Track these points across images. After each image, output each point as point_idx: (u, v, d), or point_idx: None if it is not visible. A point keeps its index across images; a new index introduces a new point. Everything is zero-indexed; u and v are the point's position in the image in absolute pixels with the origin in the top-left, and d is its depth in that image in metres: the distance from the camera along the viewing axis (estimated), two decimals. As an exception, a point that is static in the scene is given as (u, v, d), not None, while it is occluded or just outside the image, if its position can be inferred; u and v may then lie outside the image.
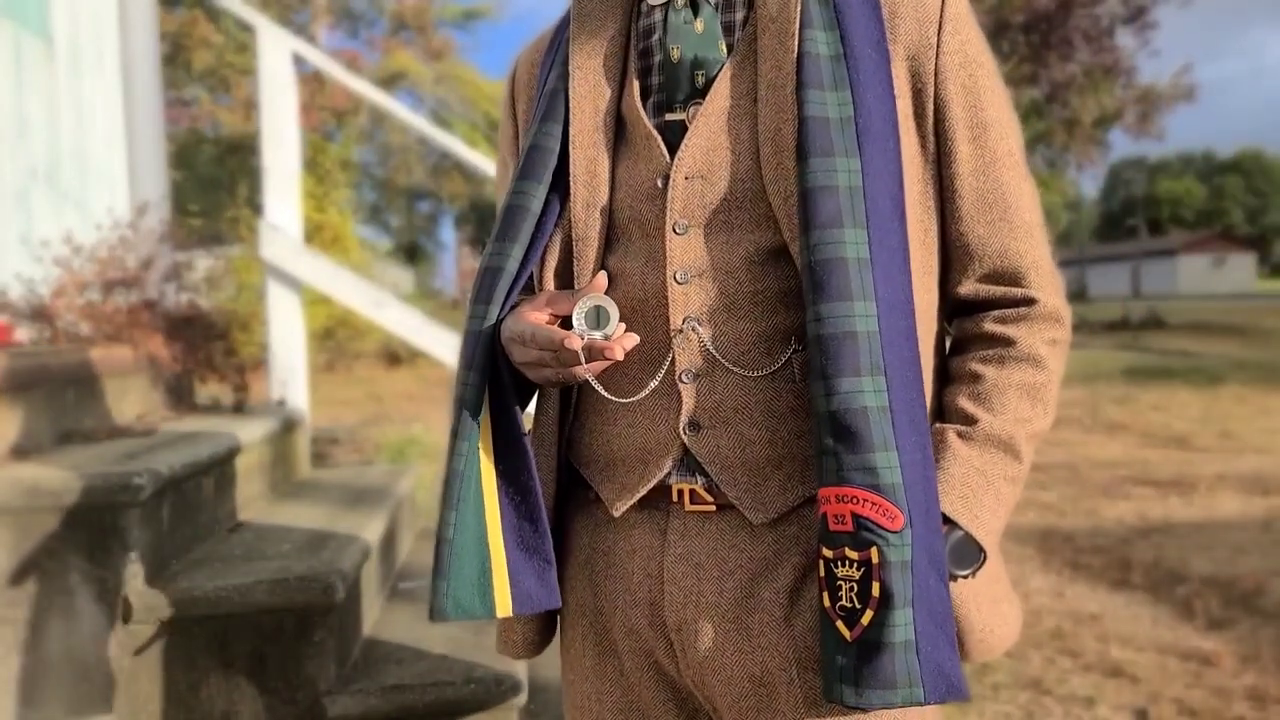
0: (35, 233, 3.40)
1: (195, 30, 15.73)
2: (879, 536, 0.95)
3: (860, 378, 0.98)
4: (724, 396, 1.09)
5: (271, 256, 3.94)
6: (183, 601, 2.04)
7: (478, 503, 1.11)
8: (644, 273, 1.12)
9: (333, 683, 2.11)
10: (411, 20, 21.65)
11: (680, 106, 1.13)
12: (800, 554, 1.09)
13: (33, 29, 3.58)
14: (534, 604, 1.13)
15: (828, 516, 0.98)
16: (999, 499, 1.07)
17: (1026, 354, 1.11)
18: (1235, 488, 6.35)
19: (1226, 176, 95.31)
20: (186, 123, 15.93)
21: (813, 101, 1.04)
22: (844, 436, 0.97)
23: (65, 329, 3.10)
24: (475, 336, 1.12)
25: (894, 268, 1.02)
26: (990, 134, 1.11)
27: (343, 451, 6.93)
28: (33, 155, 3.53)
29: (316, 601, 2.08)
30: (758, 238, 1.08)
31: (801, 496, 1.08)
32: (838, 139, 1.03)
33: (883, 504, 0.96)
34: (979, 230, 1.11)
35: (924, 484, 0.99)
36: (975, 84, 1.11)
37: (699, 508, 1.11)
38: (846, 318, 0.98)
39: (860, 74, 1.06)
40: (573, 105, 1.17)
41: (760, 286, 1.08)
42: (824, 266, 0.99)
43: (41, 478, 2.02)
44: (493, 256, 1.14)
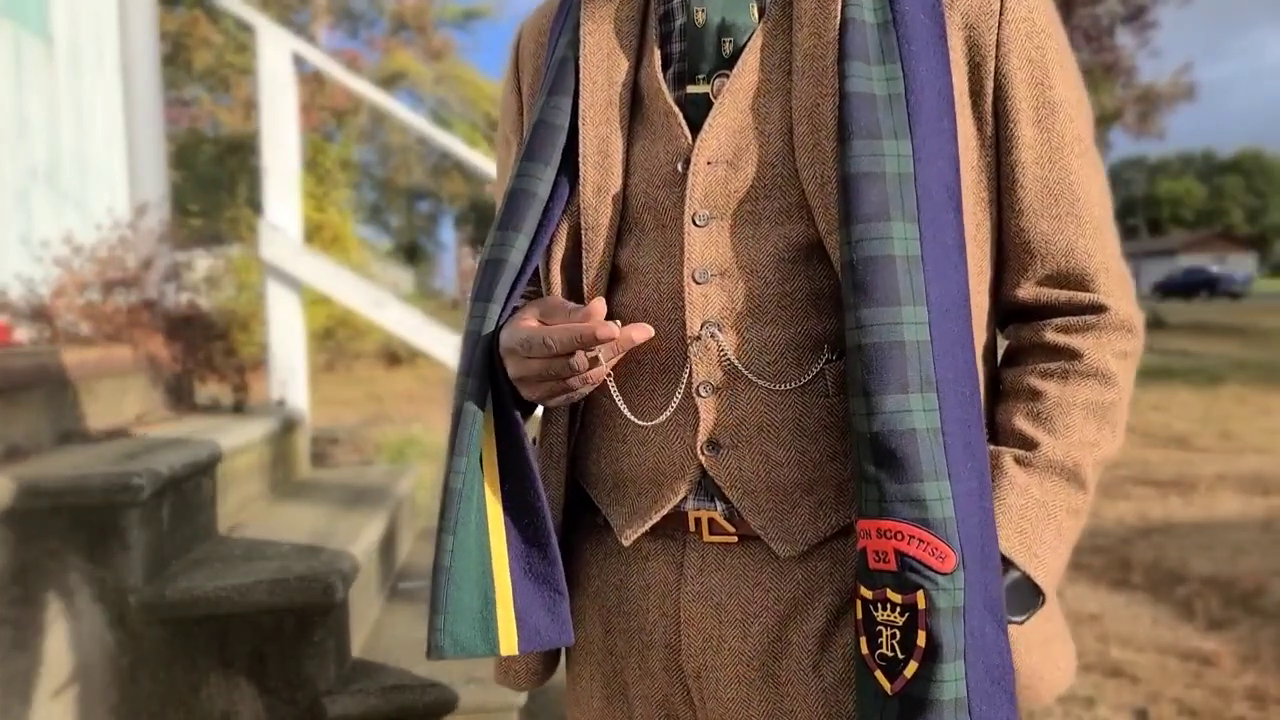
0: (35, 233, 3.40)
1: (195, 30, 15.73)
2: (926, 578, 0.83)
3: (908, 394, 0.85)
4: (747, 412, 0.96)
5: (271, 256, 3.94)
6: (182, 601, 2.04)
7: (480, 525, 0.99)
8: (658, 270, 0.99)
9: (333, 683, 2.11)
10: (411, 20, 21.66)
11: (704, 78, 1.00)
12: (833, 593, 0.96)
13: (33, 29, 3.58)
14: (543, 640, 1.01)
15: (868, 553, 0.86)
16: (1060, 534, 0.94)
17: (1094, 368, 0.97)
18: (1235, 488, 6.35)
19: (1226, 176, 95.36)
20: (186, 123, 15.93)
21: (857, 75, 0.90)
22: (888, 462, 0.84)
23: (65, 329, 3.10)
24: (475, 338, 1.00)
25: (948, 266, 0.89)
26: (1058, 116, 0.97)
27: (343, 451, 6.93)
28: (33, 155, 3.53)
29: (316, 601, 2.08)
30: (788, 231, 0.95)
31: (834, 526, 0.95)
32: (885, 118, 0.90)
33: (931, 541, 0.83)
34: (1042, 225, 0.97)
35: (980, 518, 0.87)
36: (1043, 58, 0.96)
37: (719, 538, 0.98)
38: (893, 325, 0.86)
39: (912, 44, 0.92)
40: (584, 76, 1.04)
41: (790, 287, 0.95)
42: (867, 265, 0.86)
43: (41, 478, 2.02)
44: (495, 248, 1.01)
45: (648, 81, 1.03)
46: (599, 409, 1.06)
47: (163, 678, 2.05)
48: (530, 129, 1.05)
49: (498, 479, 1.01)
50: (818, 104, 0.93)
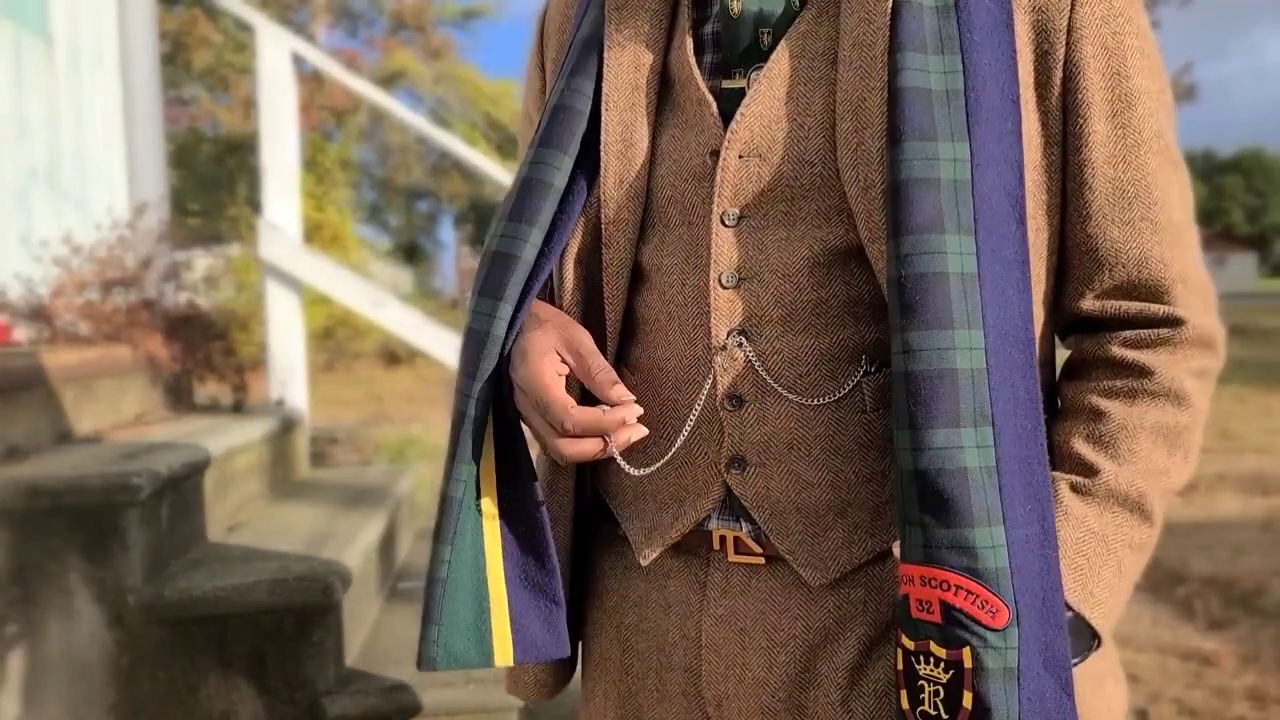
0: (34, 232, 3.40)
1: (194, 29, 15.73)
2: (974, 634, 0.75)
3: (959, 429, 0.76)
4: (776, 428, 0.88)
5: (271, 256, 3.94)
6: (182, 601, 2.03)
7: (476, 534, 0.93)
8: (683, 270, 0.91)
9: (332, 683, 2.11)
10: (411, 19, 21.66)
11: (740, 72, 0.91)
12: (867, 624, 0.89)
13: (33, 29, 3.58)
14: (539, 653, 0.95)
15: (910, 600, 0.78)
16: (1121, 572, 0.85)
17: (1166, 387, 0.87)
18: (1235, 488, 6.35)
19: (1226, 176, 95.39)
20: (186, 122, 15.94)
21: (911, 68, 0.81)
22: (934, 504, 0.76)
23: (64, 329, 3.10)
24: (481, 339, 0.91)
25: (1009, 285, 0.80)
26: (1135, 110, 0.87)
27: (342, 451, 6.92)
28: (32, 155, 3.53)
29: (316, 601, 2.08)
30: (825, 234, 0.87)
31: (870, 552, 0.88)
32: (941, 117, 0.81)
33: (981, 593, 0.75)
34: (1113, 232, 0.87)
35: (1041, 567, 0.78)
36: (1120, 45, 0.86)
37: (745, 559, 0.91)
38: (944, 350, 0.77)
39: (975, 33, 0.83)
40: (608, 58, 0.95)
41: (825, 294, 0.87)
42: (918, 283, 0.78)
43: (41, 478, 2.02)
44: (504, 240, 0.92)
45: (679, 66, 0.94)
46: None
47: (162, 678, 2.05)
48: (548, 113, 0.96)
49: (495, 487, 0.94)
50: (864, 98, 0.84)
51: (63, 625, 2.01)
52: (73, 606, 2.01)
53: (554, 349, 0.91)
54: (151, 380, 3.19)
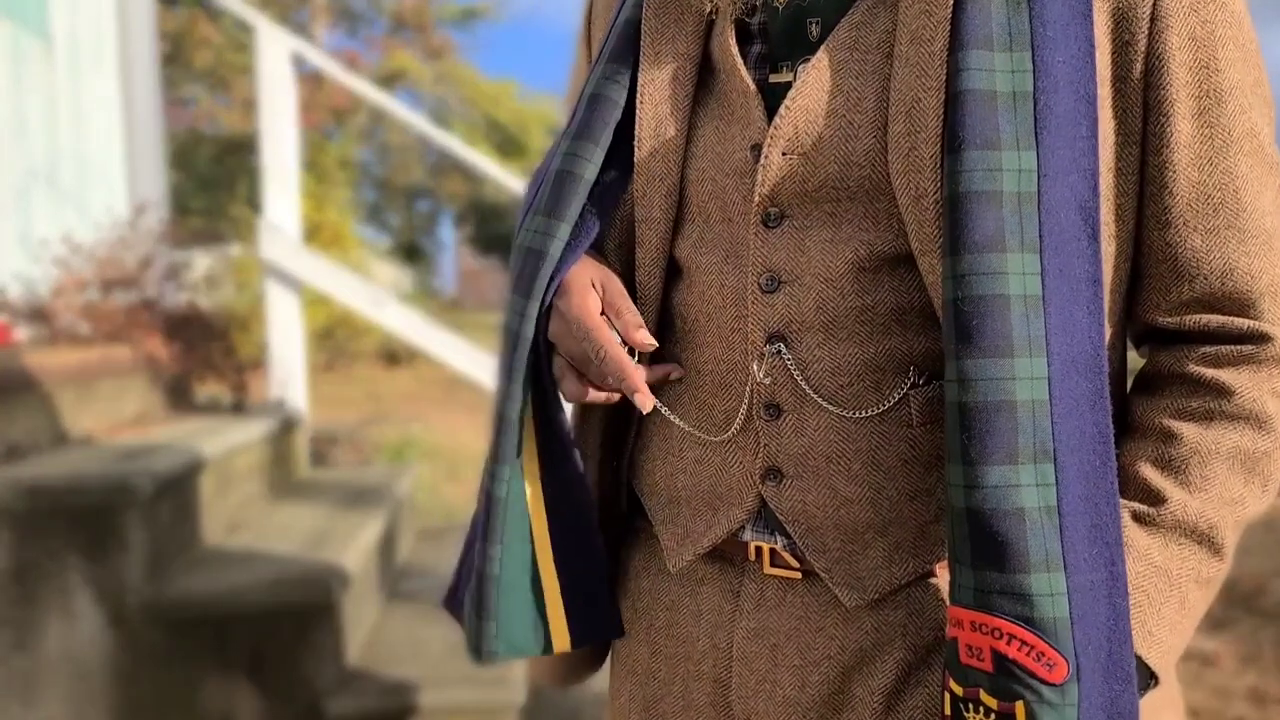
0: (34, 232, 3.40)
1: (195, 30, 15.73)
2: (1029, 689, 0.69)
3: (1016, 466, 0.71)
4: (814, 440, 0.83)
5: (271, 256, 3.94)
6: (181, 602, 2.03)
7: (523, 529, 0.92)
8: (721, 270, 0.86)
9: (331, 683, 2.11)
10: (411, 20, 21.65)
11: (786, 65, 0.85)
12: (906, 647, 0.84)
13: (32, 29, 3.58)
14: (595, 634, 0.95)
15: (959, 644, 0.73)
16: (1184, 609, 0.78)
17: (1247, 410, 0.79)
18: (1235, 488, 6.35)
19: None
20: (186, 122, 15.93)
21: (974, 68, 0.74)
22: (987, 546, 0.71)
23: (64, 329, 3.10)
24: (515, 338, 0.88)
25: (1077, 308, 0.73)
26: (1225, 107, 0.78)
27: (342, 451, 6.92)
28: (32, 155, 3.53)
29: (315, 602, 2.08)
30: (872, 238, 0.81)
31: (912, 573, 0.83)
32: (1007, 123, 0.73)
33: (1037, 644, 0.69)
34: (1194, 240, 0.79)
35: (1108, 616, 0.72)
36: (1211, 35, 0.78)
37: (781, 572, 0.87)
38: (1003, 380, 0.71)
39: (1048, 25, 0.74)
40: (645, 45, 0.89)
41: (870, 300, 0.81)
42: (976, 306, 0.72)
43: (41, 478, 2.02)
44: (534, 235, 0.88)
45: (721, 56, 0.88)
46: (655, 418, 0.94)
47: (162, 677, 2.05)
48: (585, 101, 0.91)
49: (539, 477, 0.93)
50: (919, 99, 0.77)
51: (63, 625, 2.01)
52: (73, 606, 2.01)
53: (592, 281, 0.88)
54: (151, 380, 3.19)
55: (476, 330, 10.59)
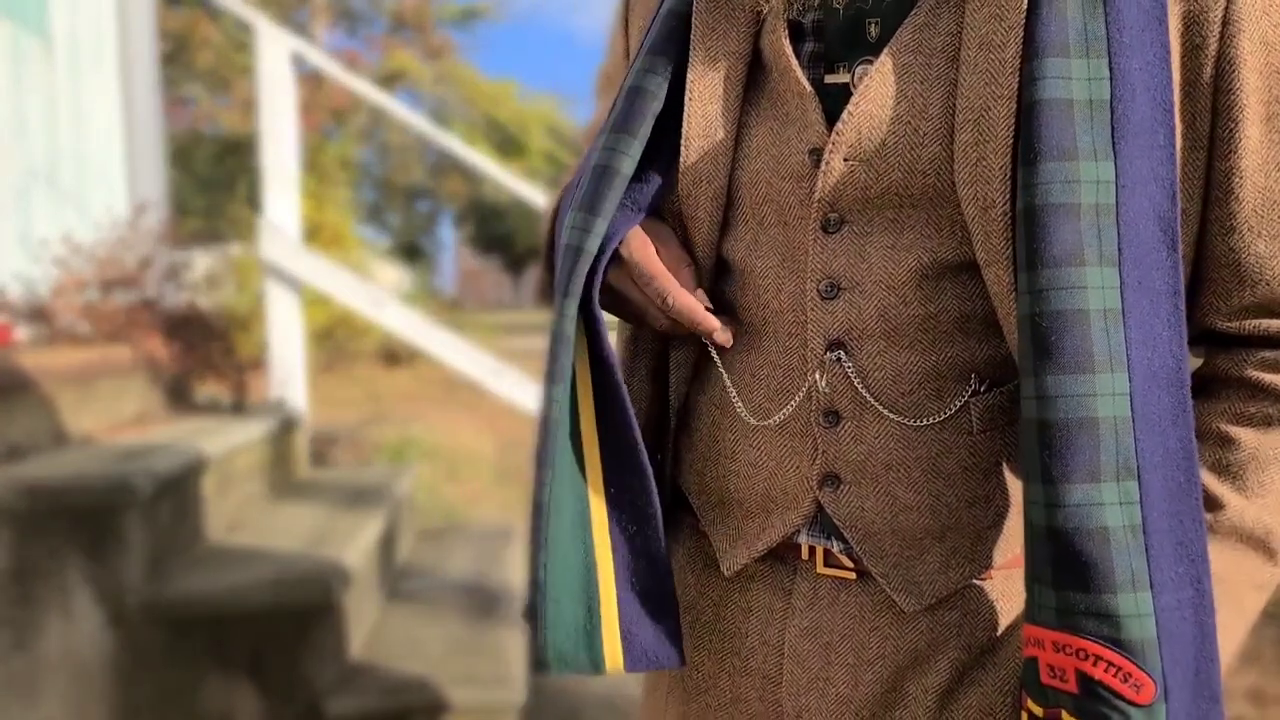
0: (34, 232, 3.40)
1: (195, 30, 15.73)
2: (1116, 710, 0.69)
3: (1099, 484, 0.70)
4: (874, 447, 0.83)
5: (271, 256, 3.94)
6: (181, 602, 2.03)
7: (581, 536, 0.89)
8: (779, 275, 0.85)
9: (331, 683, 2.11)
10: (411, 20, 21.65)
11: (844, 66, 0.83)
12: (960, 648, 0.84)
13: (32, 29, 3.58)
14: (651, 662, 0.89)
15: (1039, 664, 0.72)
16: (1241, 613, 0.79)
17: None
18: (1234, 488, 6.35)
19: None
20: (186, 122, 15.93)
21: (1050, 76, 0.72)
22: (1071, 567, 0.70)
23: (64, 329, 3.11)
24: (557, 339, 0.86)
25: (1157, 321, 0.72)
26: None
27: (342, 451, 6.92)
28: (32, 155, 3.53)
29: (315, 602, 2.08)
30: (935, 245, 0.80)
31: (968, 578, 0.84)
32: (1084, 133, 0.72)
33: (1125, 665, 0.69)
34: (1258, 246, 0.78)
35: (1196, 635, 0.71)
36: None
37: (835, 572, 0.87)
38: (1084, 397, 0.70)
39: (1125, 31, 0.73)
40: (695, 40, 0.87)
41: (933, 308, 0.81)
42: (1054, 321, 0.70)
43: (41, 478, 2.02)
44: (573, 231, 0.86)
45: (774, 55, 0.85)
46: (709, 417, 0.93)
47: (162, 677, 2.05)
48: (625, 94, 0.88)
49: (602, 485, 0.89)
50: (988, 108, 0.75)
51: (63, 625, 2.01)
52: (73, 606, 2.01)
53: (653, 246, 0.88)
54: (151, 380, 3.19)
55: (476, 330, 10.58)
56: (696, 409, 0.94)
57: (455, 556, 3.16)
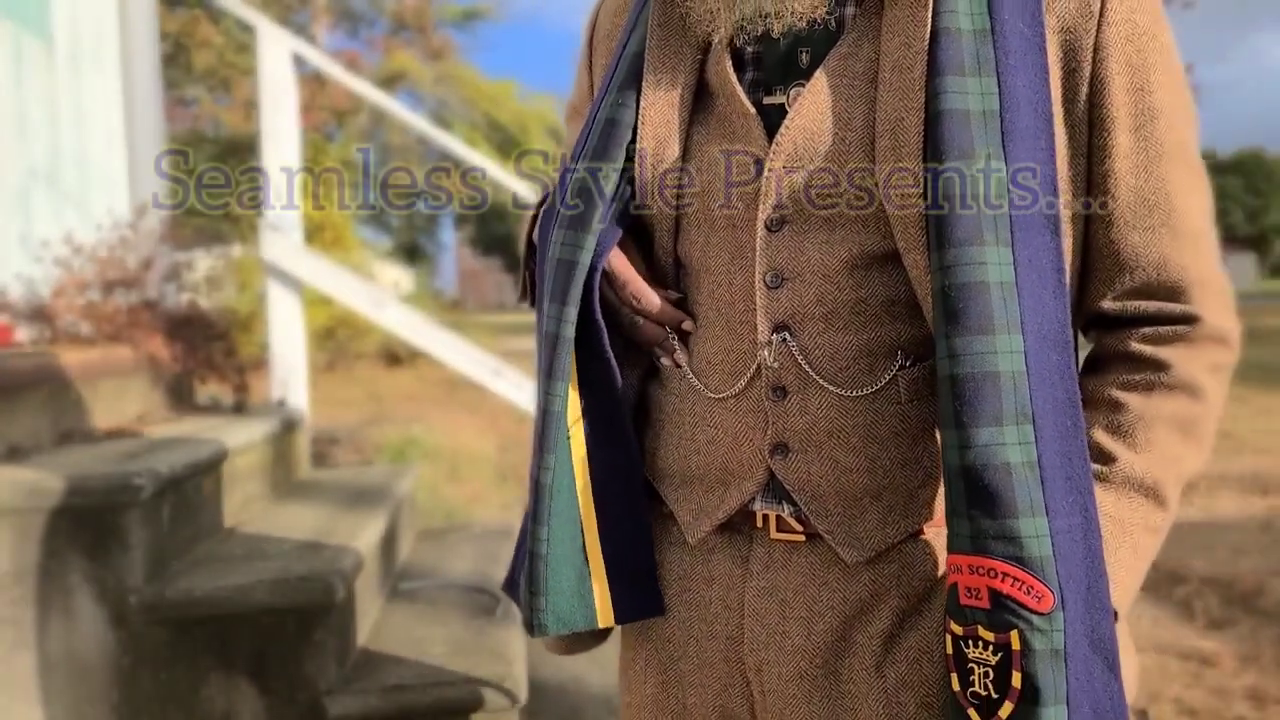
0: (35, 233, 3.40)
1: (196, 30, 15.74)
2: (1021, 618, 0.80)
3: (1002, 427, 0.82)
4: (817, 417, 0.95)
5: (272, 257, 3.94)
6: (183, 601, 2.04)
7: (571, 512, 1.02)
8: (730, 271, 0.98)
9: (333, 683, 2.11)
10: (411, 20, 21.66)
11: (780, 89, 0.97)
12: (900, 596, 0.96)
13: (33, 29, 3.58)
14: (637, 612, 1.04)
15: (959, 588, 0.84)
16: (1137, 553, 0.91)
17: (1182, 381, 0.92)
18: (1235, 488, 6.35)
19: (1226, 177, 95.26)
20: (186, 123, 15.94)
21: (949, 91, 0.86)
22: (981, 498, 0.82)
23: (65, 329, 3.11)
24: (555, 341, 0.99)
25: (1045, 292, 0.86)
26: (1158, 123, 0.92)
27: (343, 452, 6.93)
28: (33, 155, 3.53)
29: (317, 601, 2.08)
30: (864, 240, 0.93)
31: (904, 532, 0.95)
32: (979, 137, 0.86)
33: (1027, 580, 0.80)
34: (1133, 238, 0.93)
35: (1085, 554, 0.83)
36: (1144, 61, 0.92)
37: (786, 536, 0.99)
38: (987, 354, 0.82)
39: (1010, 55, 0.87)
40: (647, 75, 1.02)
41: (864, 293, 0.94)
42: (960, 292, 0.83)
43: (41, 478, 2.02)
44: (564, 248, 1.00)
45: (719, 82, 0.99)
46: (670, 405, 1.05)
47: (163, 678, 2.05)
48: (600, 126, 1.03)
49: (587, 466, 1.03)
50: (902, 119, 0.89)
51: (64, 625, 2.01)
52: (74, 606, 2.01)
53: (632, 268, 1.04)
54: (153, 380, 3.19)
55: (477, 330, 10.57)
56: (657, 402, 1.07)
57: (456, 556, 3.16)
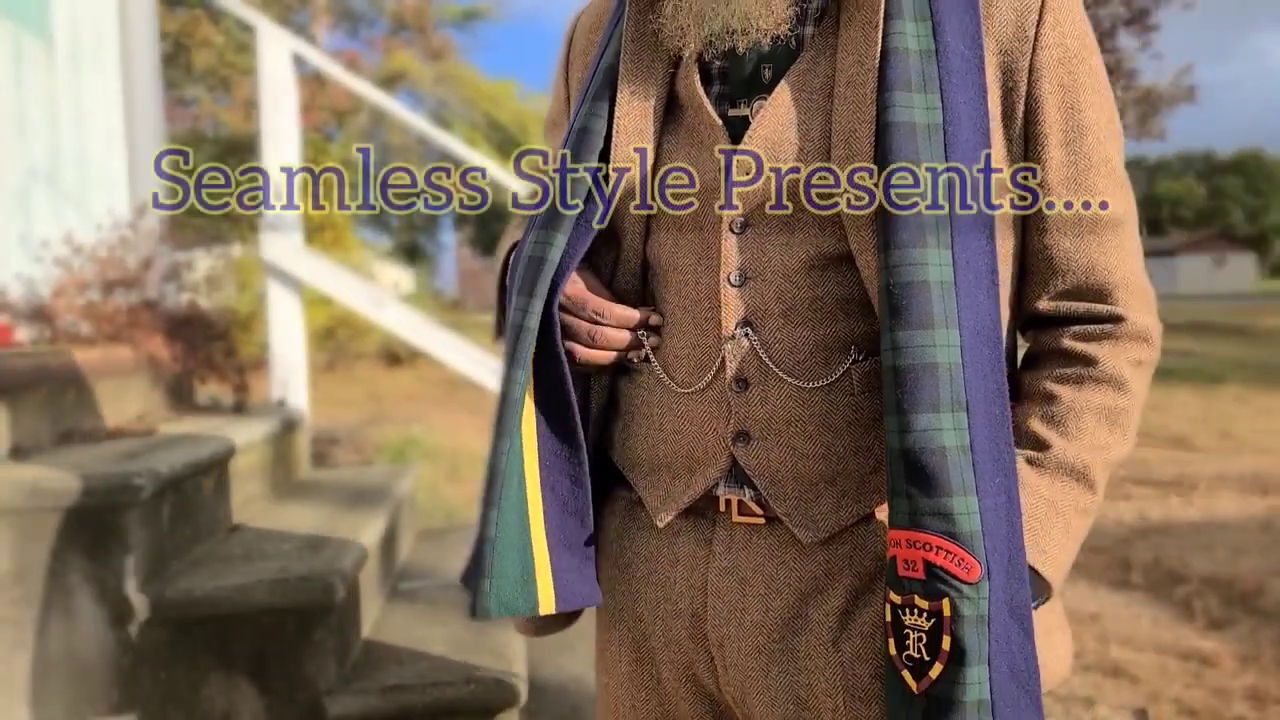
0: (35, 233, 3.40)
1: (196, 30, 15.74)
2: (952, 588, 0.88)
3: (939, 413, 0.90)
4: (776, 407, 1.02)
5: (272, 257, 3.95)
6: (183, 601, 2.04)
7: (520, 498, 1.07)
8: (696, 271, 1.05)
9: (333, 683, 2.11)
10: (411, 20, 21.66)
11: (744, 101, 1.05)
12: (853, 575, 1.03)
13: (33, 29, 3.58)
14: (577, 600, 1.10)
15: (898, 560, 0.91)
16: (1068, 532, 0.99)
17: (1108, 375, 1.02)
18: (1235, 488, 6.35)
19: (1226, 177, 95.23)
20: (186, 123, 15.94)
21: (898, 105, 0.94)
22: (918, 478, 0.89)
23: (65, 329, 3.11)
24: (519, 331, 1.05)
25: (980, 292, 0.94)
26: (1086, 139, 1.02)
27: (343, 452, 6.93)
28: (33, 155, 3.53)
29: (316, 601, 2.08)
30: (820, 241, 1.00)
31: (856, 515, 1.02)
32: (924, 148, 0.94)
33: (958, 553, 0.88)
34: (1064, 244, 1.02)
35: (1008, 531, 0.91)
36: (1074, 82, 1.01)
37: (747, 519, 1.06)
38: (926, 347, 0.90)
39: (952, 75, 0.96)
40: (621, 86, 1.09)
41: (820, 292, 1.01)
42: (904, 290, 0.91)
43: (41, 478, 2.02)
44: (536, 245, 1.07)
45: (688, 95, 1.07)
46: (639, 399, 1.12)
47: (163, 678, 2.05)
48: (575, 134, 1.09)
49: (537, 455, 1.08)
50: (855, 129, 0.97)
51: (64, 625, 2.01)
52: (74, 606, 2.01)
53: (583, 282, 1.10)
54: (153, 380, 3.19)
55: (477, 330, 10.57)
56: (627, 395, 1.14)
57: (456, 556, 3.16)
